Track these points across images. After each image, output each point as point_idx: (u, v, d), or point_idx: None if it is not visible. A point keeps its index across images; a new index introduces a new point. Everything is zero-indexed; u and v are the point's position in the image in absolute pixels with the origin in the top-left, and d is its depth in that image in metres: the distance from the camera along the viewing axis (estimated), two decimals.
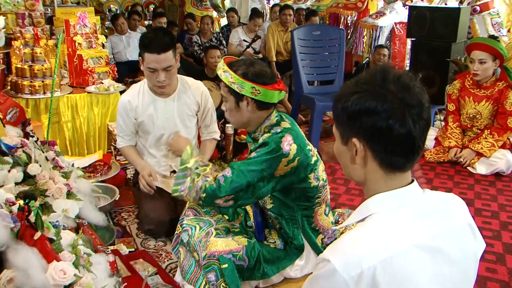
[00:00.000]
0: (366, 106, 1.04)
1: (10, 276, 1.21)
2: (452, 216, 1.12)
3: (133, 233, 2.75)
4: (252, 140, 2.04)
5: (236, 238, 1.95)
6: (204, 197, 1.88)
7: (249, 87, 1.87)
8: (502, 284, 2.33)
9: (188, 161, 2.00)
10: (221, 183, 1.86)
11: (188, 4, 8.24)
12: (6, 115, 2.43)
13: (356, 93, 1.07)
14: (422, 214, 1.08)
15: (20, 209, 1.36)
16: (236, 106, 1.94)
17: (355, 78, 1.12)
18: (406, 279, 1.00)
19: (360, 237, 1.03)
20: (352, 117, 1.07)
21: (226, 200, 1.87)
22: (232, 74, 1.87)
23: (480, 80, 3.82)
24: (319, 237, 2.03)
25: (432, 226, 1.07)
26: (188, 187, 1.92)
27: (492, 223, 2.93)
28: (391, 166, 1.08)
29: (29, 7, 4.21)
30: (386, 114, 1.02)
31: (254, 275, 1.95)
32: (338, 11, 6.47)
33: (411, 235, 1.03)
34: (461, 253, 1.09)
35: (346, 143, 1.11)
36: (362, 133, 1.06)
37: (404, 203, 1.08)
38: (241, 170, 1.85)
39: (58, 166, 2.18)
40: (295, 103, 4.90)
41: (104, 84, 3.89)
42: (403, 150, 1.05)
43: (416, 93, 1.04)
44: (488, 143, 3.76)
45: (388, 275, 0.98)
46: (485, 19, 5.03)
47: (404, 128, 1.02)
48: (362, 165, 1.10)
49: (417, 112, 1.03)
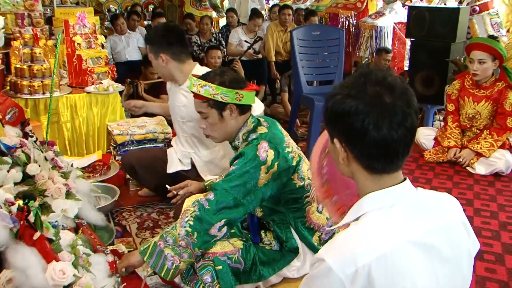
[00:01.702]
0: (343, 108, 1.05)
1: (9, 276, 1.21)
2: (445, 213, 1.14)
3: (133, 233, 2.75)
4: (234, 149, 2.06)
5: (232, 241, 1.95)
6: (197, 238, 1.77)
7: (233, 94, 1.90)
8: (501, 284, 2.33)
9: (153, 240, 1.83)
10: (205, 207, 1.80)
11: (187, 4, 8.24)
12: (5, 115, 2.43)
13: (339, 94, 1.08)
14: (415, 212, 1.09)
15: (19, 209, 1.36)
16: (220, 118, 1.95)
17: (343, 80, 1.15)
18: (401, 276, 1.00)
19: (354, 236, 1.05)
20: (333, 118, 1.10)
21: (220, 226, 1.81)
22: (213, 86, 1.89)
23: (479, 80, 3.82)
24: (316, 236, 2.02)
25: (425, 223, 1.08)
26: (176, 253, 1.77)
27: (491, 223, 2.93)
28: (370, 169, 1.09)
29: (29, 7, 4.21)
30: (361, 117, 1.03)
31: (250, 278, 1.94)
32: (338, 11, 6.47)
33: (405, 232, 1.04)
34: (454, 250, 1.10)
35: (332, 142, 1.14)
36: (341, 135, 1.10)
37: (396, 201, 1.08)
38: (223, 189, 1.82)
39: (57, 166, 2.18)
40: (294, 103, 4.90)
41: (103, 84, 3.88)
42: (379, 154, 1.06)
43: (401, 98, 1.03)
44: (487, 143, 3.76)
45: (383, 272, 0.99)
46: (484, 19, 5.03)
47: (378, 132, 1.02)
48: (346, 164, 1.13)
49: (398, 118, 1.02)
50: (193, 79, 1.94)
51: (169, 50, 2.67)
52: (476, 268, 2.45)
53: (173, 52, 2.68)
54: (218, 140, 2.08)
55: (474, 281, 2.34)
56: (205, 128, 2.02)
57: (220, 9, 8.70)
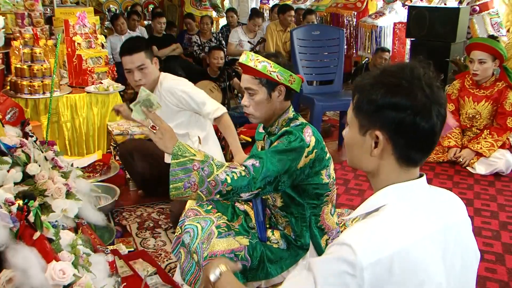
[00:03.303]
0: (395, 101, 1.04)
1: (9, 276, 1.21)
2: (456, 211, 1.15)
3: (133, 233, 2.75)
4: (268, 134, 2.02)
5: (237, 238, 1.94)
6: (228, 191, 1.71)
7: (287, 75, 1.88)
8: (502, 284, 2.33)
9: (193, 154, 1.74)
10: (252, 173, 1.75)
11: (187, 4, 8.25)
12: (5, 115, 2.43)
13: (384, 85, 1.07)
14: (432, 207, 1.10)
15: (19, 209, 1.36)
16: (267, 97, 1.92)
17: (380, 69, 1.12)
18: (420, 270, 1.01)
19: (378, 226, 1.04)
20: (378, 109, 1.06)
21: (251, 194, 1.76)
22: (272, 63, 1.86)
23: (479, 80, 3.82)
24: (324, 238, 2.02)
25: (440, 219, 1.09)
26: (198, 182, 1.70)
27: (491, 223, 2.93)
28: (408, 160, 1.09)
29: (29, 7, 4.21)
30: (414, 110, 1.03)
31: (257, 276, 1.93)
32: (338, 11, 6.47)
33: (424, 226, 1.05)
34: (465, 248, 1.12)
35: (364, 134, 1.11)
36: (387, 127, 1.06)
37: (415, 195, 1.10)
38: (270, 159, 1.76)
39: (57, 166, 2.18)
40: (294, 103, 4.89)
41: (103, 84, 3.89)
42: (423, 145, 1.08)
43: (439, 90, 1.07)
44: (488, 143, 3.76)
45: (403, 265, 0.99)
46: (484, 19, 5.03)
47: (429, 124, 1.04)
48: (379, 157, 1.10)
49: (440, 109, 1.05)
50: (249, 53, 1.91)
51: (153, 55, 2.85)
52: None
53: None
54: (257, 120, 2.02)
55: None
56: (248, 106, 1.97)
57: (220, 9, 8.70)
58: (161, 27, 6.38)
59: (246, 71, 1.93)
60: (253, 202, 2.05)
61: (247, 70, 1.93)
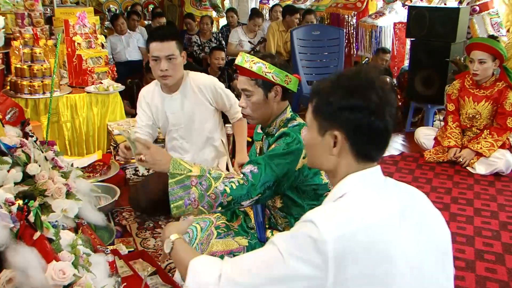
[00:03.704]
0: (352, 103, 1.13)
1: (9, 276, 1.21)
2: (416, 194, 1.24)
3: (133, 233, 2.75)
4: (266, 135, 2.03)
5: (237, 239, 1.94)
6: (229, 202, 1.73)
7: (283, 75, 1.87)
8: (502, 284, 2.33)
9: (190, 170, 1.76)
10: (250, 179, 1.75)
11: (187, 4, 8.25)
12: (6, 115, 2.43)
13: (341, 88, 1.15)
14: (392, 190, 1.19)
15: (19, 209, 1.36)
16: (264, 98, 1.91)
17: (337, 74, 1.22)
18: (384, 244, 1.06)
19: (341, 207, 1.12)
20: (336, 111, 1.15)
21: (251, 201, 1.77)
22: (267, 64, 1.85)
23: (479, 80, 3.82)
24: None
25: (403, 200, 1.17)
26: (198, 197, 1.72)
27: (491, 223, 2.93)
28: (365, 157, 1.17)
29: (29, 7, 4.21)
30: (369, 111, 1.12)
31: None
32: (338, 11, 6.46)
33: (385, 207, 1.12)
34: (428, 219, 1.20)
35: (323, 135, 1.19)
36: (345, 127, 1.15)
37: (373, 181, 1.18)
38: (269, 165, 1.77)
39: (58, 166, 2.18)
40: (294, 103, 4.90)
41: (103, 84, 3.88)
42: (378, 142, 1.17)
43: (390, 93, 1.16)
44: (488, 143, 3.76)
45: (368, 241, 1.05)
46: (484, 19, 5.03)
47: (383, 123, 1.13)
48: (337, 155, 1.18)
49: (391, 109, 1.15)
50: (245, 55, 1.91)
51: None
52: (476, 268, 2.45)
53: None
54: (255, 121, 2.02)
55: (475, 281, 2.34)
56: (245, 108, 1.97)
57: (220, 9, 8.70)
58: None
59: (242, 72, 1.93)
60: None
61: (243, 72, 1.93)
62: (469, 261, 2.51)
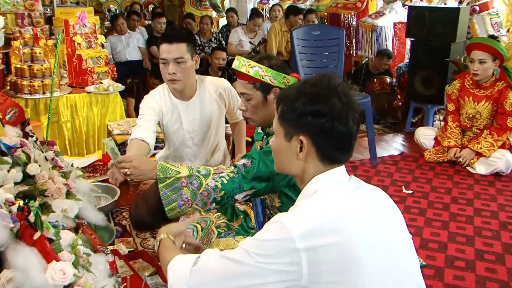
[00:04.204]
0: (316, 108, 1.18)
1: (9, 276, 1.21)
2: (378, 192, 1.30)
3: (133, 233, 2.74)
4: (266, 135, 2.03)
5: (237, 238, 1.95)
6: (222, 196, 1.75)
7: (281, 77, 1.88)
8: (502, 284, 2.33)
9: (178, 172, 1.77)
10: (242, 172, 1.76)
11: (187, 4, 8.24)
12: (6, 115, 2.43)
13: (305, 94, 1.20)
14: (358, 187, 1.24)
15: (20, 209, 1.36)
16: (263, 101, 1.92)
17: (302, 81, 1.28)
18: (353, 234, 1.11)
19: (307, 204, 1.17)
20: (301, 117, 1.19)
21: (246, 195, 1.78)
22: (263, 67, 1.86)
23: (480, 80, 3.82)
24: None
25: (367, 196, 1.23)
26: (191, 197, 1.75)
27: (491, 223, 2.93)
28: (331, 160, 1.22)
29: (29, 7, 4.21)
30: (332, 116, 1.17)
31: None
32: (338, 11, 6.46)
33: (354, 199, 1.19)
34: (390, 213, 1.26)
35: (290, 140, 1.23)
36: (310, 132, 1.19)
37: (342, 179, 1.24)
38: (262, 160, 1.78)
39: (58, 166, 2.18)
40: None
41: (103, 84, 3.89)
42: (343, 146, 1.22)
43: (352, 98, 1.22)
44: (488, 143, 3.76)
45: (338, 231, 1.09)
46: (484, 19, 5.03)
47: (346, 127, 1.18)
48: (304, 160, 1.22)
49: (355, 114, 1.20)
50: (241, 59, 1.90)
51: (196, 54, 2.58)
52: (477, 268, 2.45)
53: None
54: (256, 123, 2.03)
55: (474, 281, 2.34)
56: (245, 111, 1.97)
57: (220, 9, 8.70)
58: (161, 27, 6.38)
59: (240, 76, 1.93)
60: (253, 203, 2.06)
61: (240, 76, 1.93)
62: (469, 261, 2.51)
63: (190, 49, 2.48)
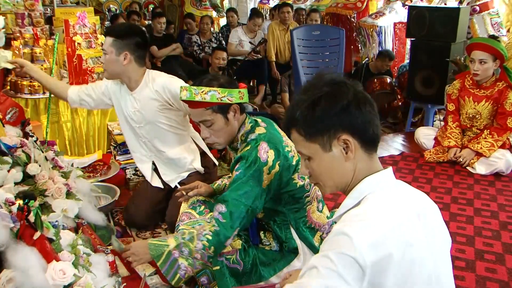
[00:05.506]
0: (339, 104, 1.18)
1: (9, 276, 1.21)
2: (422, 195, 1.27)
3: (133, 233, 2.75)
4: (233, 150, 2.04)
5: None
6: (214, 251, 1.80)
7: (236, 93, 1.88)
8: (502, 284, 2.33)
9: (167, 246, 1.82)
10: (221, 221, 1.80)
11: (187, 4, 8.24)
12: (6, 115, 2.44)
13: (320, 98, 1.19)
14: (406, 191, 1.23)
15: (20, 209, 1.36)
16: (225, 122, 1.91)
17: (301, 91, 1.25)
18: (410, 244, 1.08)
19: (368, 211, 1.13)
20: (331, 119, 1.18)
21: (234, 235, 1.83)
22: (218, 89, 1.85)
23: (480, 80, 3.82)
24: (317, 235, 2.02)
25: (416, 199, 1.22)
26: (189, 264, 1.80)
27: (491, 223, 2.93)
28: (370, 141, 1.22)
29: (29, 7, 4.21)
30: (354, 101, 1.18)
31: (251, 279, 1.94)
32: (338, 11, 6.46)
33: (407, 206, 1.16)
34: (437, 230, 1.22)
35: (330, 149, 1.20)
36: (345, 127, 1.18)
37: (390, 182, 1.22)
38: (234, 199, 1.80)
39: (58, 166, 2.18)
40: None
41: None
42: (372, 121, 1.21)
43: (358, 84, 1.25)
44: (488, 143, 3.76)
45: (397, 241, 1.07)
46: (484, 19, 5.03)
47: (367, 103, 1.20)
48: (353, 157, 1.20)
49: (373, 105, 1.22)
50: (191, 88, 1.87)
51: (135, 52, 2.57)
52: (477, 268, 2.45)
53: (138, 55, 2.59)
54: (222, 146, 2.03)
55: (475, 281, 2.34)
56: (209, 137, 1.96)
57: (220, 9, 8.70)
58: (161, 27, 6.37)
59: (194, 105, 1.90)
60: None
61: (194, 105, 1.90)
62: (469, 261, 2.51)
63: (117, 44, 2.53)
